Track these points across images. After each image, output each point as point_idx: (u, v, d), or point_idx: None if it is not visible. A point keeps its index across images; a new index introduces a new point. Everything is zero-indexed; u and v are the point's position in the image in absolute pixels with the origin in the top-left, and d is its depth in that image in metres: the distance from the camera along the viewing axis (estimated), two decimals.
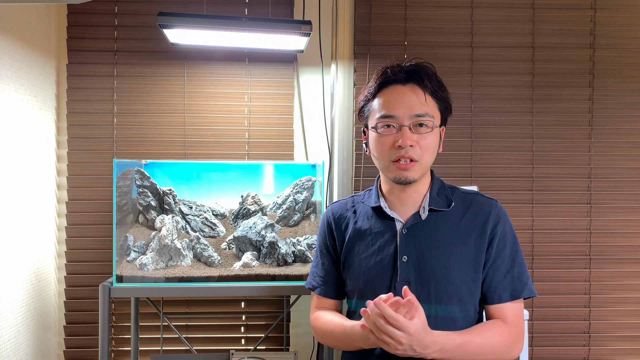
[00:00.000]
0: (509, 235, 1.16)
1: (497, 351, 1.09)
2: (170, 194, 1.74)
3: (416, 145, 1.11)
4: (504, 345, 1.10)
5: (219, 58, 2.06)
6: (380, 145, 1.14)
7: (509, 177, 2.09)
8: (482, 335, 1.08)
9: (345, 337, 1.14)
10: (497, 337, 1.09)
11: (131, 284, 1.69)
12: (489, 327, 1.11)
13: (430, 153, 1.14)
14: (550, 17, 2.09)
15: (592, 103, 2.10)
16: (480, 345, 1.07)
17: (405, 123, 1.11)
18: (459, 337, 1.05)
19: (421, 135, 1.12)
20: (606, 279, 2.08)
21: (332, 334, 1.19)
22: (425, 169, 1.15)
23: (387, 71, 1.16)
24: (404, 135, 1.10)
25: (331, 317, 1.21)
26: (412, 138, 1.11)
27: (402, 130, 1.11)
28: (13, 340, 1.73)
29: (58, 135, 2.04)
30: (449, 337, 1.04)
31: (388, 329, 0.96)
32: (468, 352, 1.05)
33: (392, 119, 1.12)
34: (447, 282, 1.11)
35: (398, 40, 2.08)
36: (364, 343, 1.07)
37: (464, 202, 1.18)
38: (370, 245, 1.18)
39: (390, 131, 1.13)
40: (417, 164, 1.12)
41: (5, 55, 1.68)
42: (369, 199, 1.24)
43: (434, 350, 1.01)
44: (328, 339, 1.22)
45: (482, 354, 1.07)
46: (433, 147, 1.14)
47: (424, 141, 1.12)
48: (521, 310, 1.15)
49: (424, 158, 1.13)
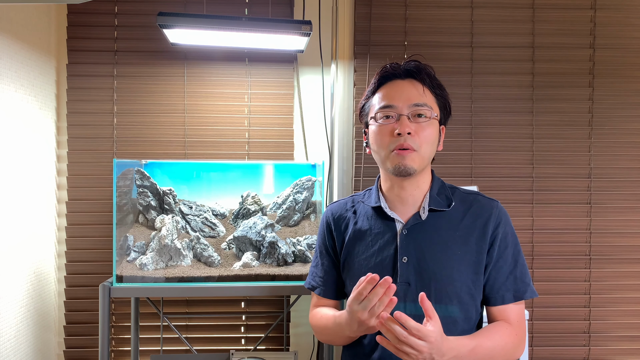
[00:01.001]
0: (510, 236, 1.16)
1: (505, 353, 1.10)
2: (170, 194, 1.74)
3: (415, 134, 1.12)
4: (511, 347, 1.11)
5: (219, 58, 2.06)
6: (380, 135, 1.15)
7: (509, 177, 2.09)
8: (492, 339, 1.09)
9: (335, 328, 1.14)
10: (505, 339, 1.11)
11: (131, 284, 1.69)
12: (496, 330, 1.12)
13: (429, 144, 1.14)
14: (550, 17, 2.09)
15: (592, 103, 2.10)
16: (491, 348, 1.08)
17: (404, 112, 1.13)
18: (470, 341, 1.06)
19: (420, 124, 1.13)
20: (606, 279, 2.08)
21: (325, 327, 1.20)
22: (424, 160, 1.15)
23: (386, 67, 1.18)
24: (402, 123, 1.11)
25: (325, 312, 1.22)
26: (411, 126, 1.12)
27: (400, 119, 1.12)
28: (13, 340, 1.73)
29: (58, 135, 2.04)
30: (462, 343, 1.05)
31: (410, 339, 0.95)
32: (480, 356, 1.07)
33: (391, 109, 1.14)
34: (447, 283, 1.11)
35: (398, 40, 2.08)
36: (350, 330, 1.06)
37: (465, 203, 1.18)
38: (370, 245, 1.18)
39: (389, 121, 1.14)
40: (416, 153, 1.12)
41: (5, 55, 1.68)
42: (369, 199, 1.24)
43: (450, 357, 1.01)
44: (322, 333, 1.22)
45: (492, 356, 1.09)
46: (432, 138, 1.14)
47: (422, 131, 1.13)
48: (523, 311, 1.16)
49: (422, 148, 1.13)
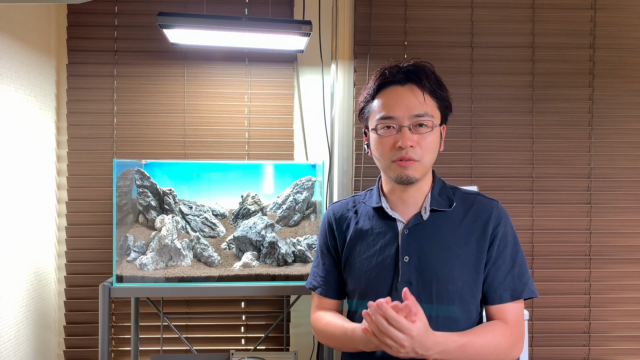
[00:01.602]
0: (509, 236, 1.16)
1: (498, 352, 1.09)
2: (170, 194, 1.74)
3: (416, 145, 1.11)
4: (505, 346, 1.10)
5: (219, 58, 2.06)
6: (381, 147, 1.14)
7: (509, 177, 2.09)
8: (484, 336, 1.08)
9: (346, 340, 1.14)
10: (498, 337, 1.09)
11: (131, 284, 1.69)
12: (490, 328, 1.11)
13: (430, 153, 1.14)
14: (550, 17, 2.09)
15: (592, 103, 2.10)
16: (482, 346, 1.07)
17: (404, 124, 1.11)
18: (460, 338, 1.05)
19: (421, 135, 1.12)
20: (606, 279, 2.08)
21: (332, 335, 1.19)
22: (426, 168, 1.15)
23: (385, 72, 1.15)
24: (404, 136, 1.10)
25: (332, 319, 1.20)
26: (412, 138, 1.11)
27: (402, 131, 1.11)
28: (13, 340, 1.73)
29: (58, 135, 2.04)
30: (451, 339, 1.04)
31: (390, 330, 0.95)
32: (469, 353, 1.05)
33: (391, 120, 1.12)
34: (448, 282, 1.11)
35: (398, 40, 2.08)
36: (365, 346, 1.07)
37: (466, 203, 1.18)
38: (371, 245, 1.18)
39: (390, 132, 1.12)
40: (418, 163, 1.12)
41: (5, 55, 1.68)
42: (370, 199, 1.24)
43: (436, 352, 1.00)
44: (328, 340, 1.22)
45: (483, 354, 1.07)
46: (433, 146, 1.14)
47: (424, 141, 1.12)
48: (522, 311, 1.15)
49: (424, 158, 1.13)
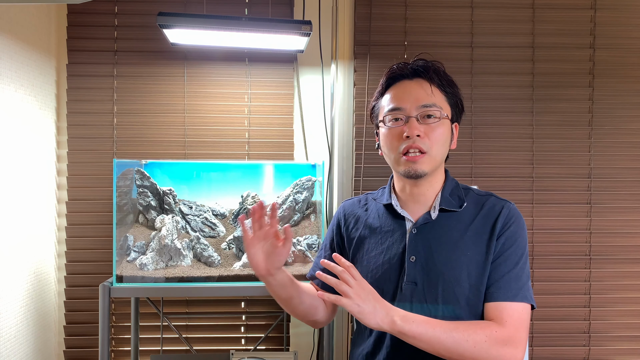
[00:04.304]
0: (519, 238, 1.13)
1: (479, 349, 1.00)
2: (170, 194, 1.74)
3: (424, 136, 1.10)
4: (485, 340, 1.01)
5: (219, 58, 2.06)
6: (389, 138, 1.14)
7: (509, 177, 2.09)
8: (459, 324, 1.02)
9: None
10: (477, 330, 1.01)
11: (131, 284, 1.69)
12: (470, 321, 1.05)
13: (440, 145, 1.12)
14: (550, 17, 2.09)
15: (592, 103, 2.10)
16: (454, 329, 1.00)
17: (412, 114, 1.11)
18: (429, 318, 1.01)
19: (429, 126, 1.11)
20: (606, 279, 2.08)
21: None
22: (435, 161, 1.13)
23: (393, 67, 1.17)
24: (411, 125, 1.10)
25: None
26: (420, 128, 1.10)
27: (409, 121, 1.11)
28: (13, 340, 1.73)
29: (58, 135, 2.04)
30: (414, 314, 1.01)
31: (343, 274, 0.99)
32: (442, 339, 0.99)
33: (399, 111, 1.12)
34: (455, 283, 1.08)
35: (398, 40, 2.08)
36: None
37: (478, 204, 1.16)
38: (379, 243, 1.17)
39: (398, 123, 1.13)
40: (427, 155, 1.11)
41: (5, 55, 1.68)
42: (381, 197, 1.23)
43: (395, 319, 0.98)
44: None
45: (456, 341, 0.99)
46: (443, 138, 1.13)
47: (432, 132, 1.11)
48: (519, 314, 1.06)
49: (433, 149, 1.11)
